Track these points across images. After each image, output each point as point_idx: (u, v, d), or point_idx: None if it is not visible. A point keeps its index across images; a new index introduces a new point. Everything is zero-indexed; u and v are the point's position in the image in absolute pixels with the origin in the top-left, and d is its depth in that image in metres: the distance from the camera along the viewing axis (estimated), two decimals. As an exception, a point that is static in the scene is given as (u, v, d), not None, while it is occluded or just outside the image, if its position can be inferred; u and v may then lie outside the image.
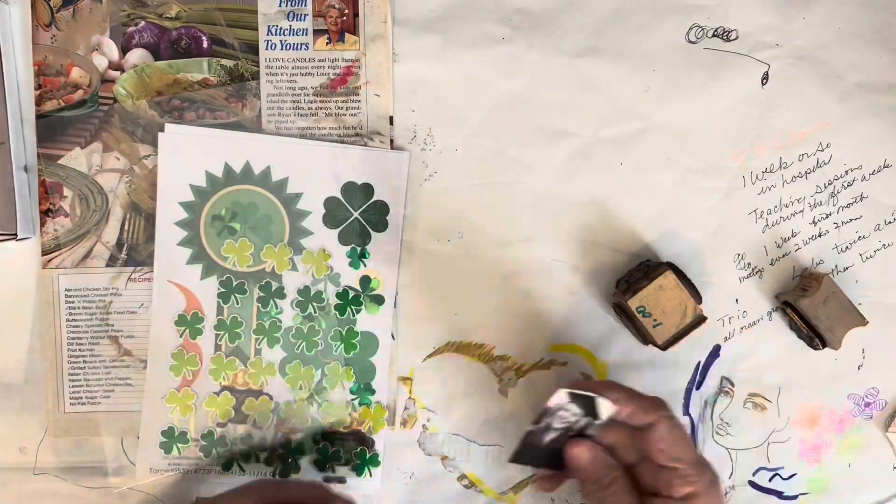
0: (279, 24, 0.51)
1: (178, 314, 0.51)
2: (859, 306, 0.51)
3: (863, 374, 0.54)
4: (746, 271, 0.54)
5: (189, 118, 0.51)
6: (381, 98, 0.51)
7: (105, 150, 0.51)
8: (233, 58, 0.51)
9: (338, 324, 0.52)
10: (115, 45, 0.50)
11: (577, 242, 0.53)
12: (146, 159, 0.51)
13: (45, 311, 0.51)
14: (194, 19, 0.51)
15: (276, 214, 0.51)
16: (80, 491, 0.52)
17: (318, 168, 0.51)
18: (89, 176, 0.51)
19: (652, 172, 0.53)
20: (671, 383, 0.54)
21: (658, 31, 0.52)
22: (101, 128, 0.51)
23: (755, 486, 0.54)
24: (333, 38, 0.51)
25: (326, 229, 0.51)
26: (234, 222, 0.51)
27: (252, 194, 0.51)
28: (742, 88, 0.53)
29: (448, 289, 0.53)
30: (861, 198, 0.54)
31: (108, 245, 0.51)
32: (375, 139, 0.51)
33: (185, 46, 0.51)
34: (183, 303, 0.51)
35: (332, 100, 0.51)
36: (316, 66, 0.51)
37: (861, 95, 0.53)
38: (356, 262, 0.52)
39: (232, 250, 0.51)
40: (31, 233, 0.51)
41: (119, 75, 0.51)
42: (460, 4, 0.52)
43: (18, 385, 0.52)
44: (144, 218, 0.51)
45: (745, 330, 0.54)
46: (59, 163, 0.51)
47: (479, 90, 0.52)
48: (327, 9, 0.50)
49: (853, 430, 0.55)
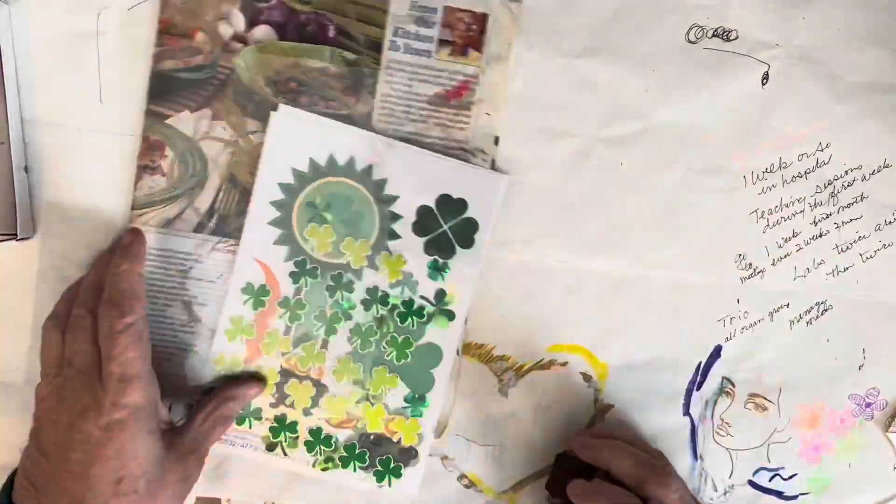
0: (406, 28, 0.51)
1: (246, 282, 0.51)
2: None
3: (863, 375, 0.54)
4: (748, 271, 0.54)
5: (302, 102, 0.51)
6: (491, 117, 0.51)
7: (214, 119, 0.51)
8: (355, 51, 0.51)
9: (396, 330, 0.52)
10: (244, 17, 0.50)
11: (577, 242, 0.53)
12: (252, 135, 0.51)
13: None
14: (326, 7, 0.50)
15: (368, 212, 0.51)
16: (80, 491, 0.52)
17: (418, 175, 0.51)
18: (194, 140, 0.51)
19: (652, 172, 0.53)
20: (671, 383, 0.54)
21: (658, 31, 0.52)
22: (213, 95, 0.51)
23: (755, 486, 0.54)
24: (457, 50, 0.51)
25: (414, 236, 0.51)
26: (326, 212, 0.51)
27: (349, 188, 0.51)
28: (742, 88, 0.53)
29: (448, 289, 0.53)
30: (861, 198, 0.54)
31: (198, 211, 0.51)
32: (478, 156, 0.52)
33: (310, 32, 0.50)
34: (262, 280, 0.51)
35: (444, 111, 0.51)
36: (434, 75, 0.51)
37: (861, 95, 0.53)
38: (435, 273, 0.52)
39: (314, 234, 0.51)
40: (30, 233, 0.51)
41: (241, 48, 0.51)
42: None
43: (18, 385, 0.52)
44: (240, 191, 0.51)
45: (745, 330, 0.54)
46: (166, 122, 0.50)
47: (480, 90, 0.52)
48: (457, 21, 0.51)
49: (854, 430, 0.55)
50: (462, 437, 0.53)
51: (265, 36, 0.51)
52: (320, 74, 0.51)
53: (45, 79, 0.51)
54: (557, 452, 0.52)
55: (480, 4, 0.51)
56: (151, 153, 0.51)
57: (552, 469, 0.51)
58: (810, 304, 0.54)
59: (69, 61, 0.51)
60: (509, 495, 0.54)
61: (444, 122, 0.51)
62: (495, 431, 0.53)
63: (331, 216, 0.51)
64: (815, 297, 0.54)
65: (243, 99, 0.51)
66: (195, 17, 0.50)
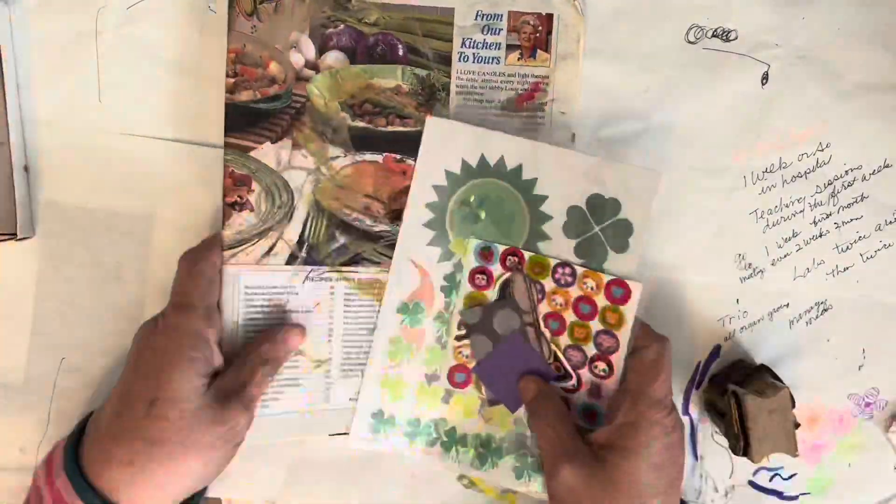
0: (473, 37, 0.51)
1: (401, 302, 0.51)
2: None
3: (863, 375, 0.54)
4: (747, 271, 0.54)
5: (379, 123, 0.51)
6: (566, 116, 0.52)
7: (294, 148, 0.51)
8: (425, 67, 0.51)
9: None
10: (313, 44, 0.51)
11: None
12: (334, 160, 0.51)
13: (225, 309, 0.50)
14: (392, 26, 0.51)
15: (519, 212, 0.50)
16: (79, 491, 0.52)
17: (567, 174, 0.50)
18: (277, 172, 0.51)
19: (652, 172, 0.53)
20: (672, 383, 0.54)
21: (658, 31, 0.52)
22: (291, 124, 0.51)
23: (755, 486, 0.54)
24: (525, 53, 0.51)
25: (565, 238, 0.50)
26: (480, 209, 0.50)
27: (500, 188, 0.50)
28: (742, 88, 0.53)
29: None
30: (861, 198, 0.54)
31: (289, 243, 0.51)
32: None
33: (380, 52, 0.51)
34: (417, 282, 0.51)
35: (518, 115, 0.52)
36: (505, 81, 0.52)
37: (861, 95, 0.53)
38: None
39: (459, 248, 0.51)
40: (30, 233, 0.51)
41: (314, 74, 0.51)
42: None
43: (18, 385, 0.52)
44: (327, 217, 0.51)
45: (745, 330, 0.54)
46: (250, 154, 0.50)
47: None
48: (522, 24, 0.51)
49: (853, 430, 0.55)
50: (462, 437, 0.53)
51: (336, 61, 0.51)
52: (394, 94, 0.51)
53: (45, 79, 0.51)
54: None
55: (544, 5, 0.51)
56: (238, 189, 0.50)
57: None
58: (810, 304, 0.54)
59: (69, 61, 0.51)
60: (509, 496, 0.54)
61: (519, 127, 0.52)
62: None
63: (484, 213, 0.50)
64: (815, 297, 0.54)
65: (321, 126, 0.51)
66: (265, 46, 0.50)
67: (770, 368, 0.52)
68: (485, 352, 0.51)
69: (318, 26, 0.51)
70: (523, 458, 0.51)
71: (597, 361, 0.50)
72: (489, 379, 0.51)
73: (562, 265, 0.50)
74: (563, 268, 0.50)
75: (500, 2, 0.51)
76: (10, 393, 0.52)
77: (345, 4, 0.51)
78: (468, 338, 0.51)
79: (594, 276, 0.50)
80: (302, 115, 0.51)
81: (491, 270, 0.51)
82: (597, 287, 0.50)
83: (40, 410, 0.52)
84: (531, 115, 0.52)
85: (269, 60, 0.50)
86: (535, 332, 0.50)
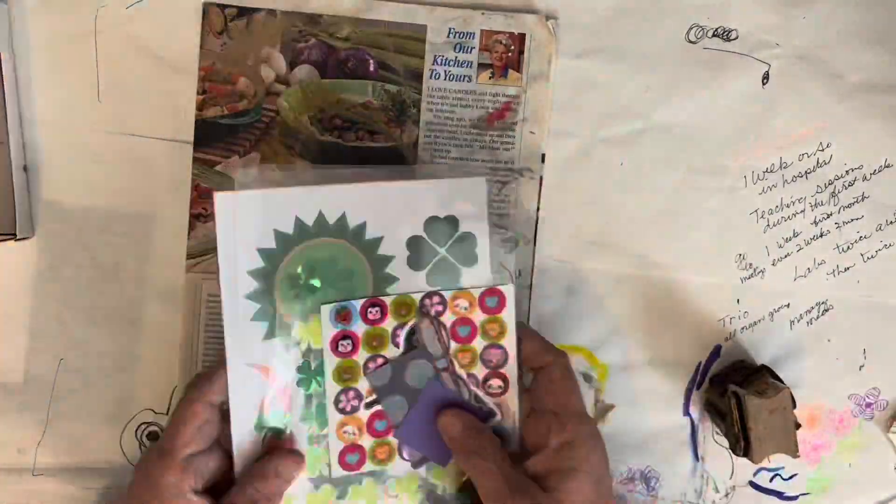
0: (445, 55, 0.51)
1: (256, 417, 0.45)
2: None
3: (864, 375, 0.54)
4: (748, 271, 0.53)
5: (348, 138, 0.51)
6: (535, 136, 0.52)
7: (262, 161, 0.51)
8: (396, 83, 0.51)
9: None
10: (284, 59, 0.51)
11: (577, 242, 0.53)
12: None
13: (186, 317, 0.51)
14: (364, 42, 0.51)
15: (357, 265, 0.46)
16: (79, 491, 0.52)
17: (395, 207, 0.46)
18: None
19: (652, 172, 0.53)
20: (671, 383, 0.54)
21: (658, 31, 0.52)
22: (260, 138, 0.51)
23: (756, 486, 0.54)
24: (497, 73, 0.51)
25: (413, 272, 0.47)
26: (313, 279, 0.46)
27: (329, 247, 0.46)
28: (742, 88, 0.53)
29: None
30: (862, 198, 0.53)
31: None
32: (526, 175, 0.52)
33: (351, 67, 0.51)
34: (265, 387, 0.45)
35: (488, 133, 0.52)
36: (476, 99, 0.51)
37: (861, 95, 0.53)
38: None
39: (304, 332, 0.46)
40: (30, 233, 0.51)
41: (284, 89, 0.51)
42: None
43: (17, 385, 0.51)
44: None
45: (745, 330, 0.54)
46: (215, 169, 0.51)
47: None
48: (494, 43, 0.51)
49: (854, 430, 0.55)
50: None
51: (307, 75, 0.51)
52: (364, 108, 0.51)
53: (44, 78, 0.51)
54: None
55: (517, 25, 0.51)
56: (203, 201, 0.51)
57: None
58: (811, 304, 0.54)
59: (69, 61, 0.51)
60: None
61: (488, 145, 0.51)
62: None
63: (318, 282, 0.46)
64: (816, 298, 0.54)
65: (290, 139, 0.51)
66: (236, 62, 0.51)
67: (770, 368, 0.52)
68: (402, 412, 0.47)
69: (290, 41, 0.51)
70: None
71: (490, 381, 0.47)
72: (412, 439, 0.47)
73: (428, 296, 0.47)
74: (429, 298, 0.47)
75: (473, 20, 0.51)
76: (8, 393, 0.51)
77: (317, 19, 0.51)
78: (380, 403, 0.47)
79: (464, 294, 0.47)
80: (272, 129, 0.51)
81: (354, 332, 0.46)
82: (470, 305, 0.47)
83: (39, 411, 0.52)
84: (501, 133, 0.52)
85: (237, 77, 0.51)
86: (451, 376, 0.47)
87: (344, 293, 0.46)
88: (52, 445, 0.52)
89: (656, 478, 0.54)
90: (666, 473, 0.54)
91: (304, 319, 0.46)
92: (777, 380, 0.51)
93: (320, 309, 0.46)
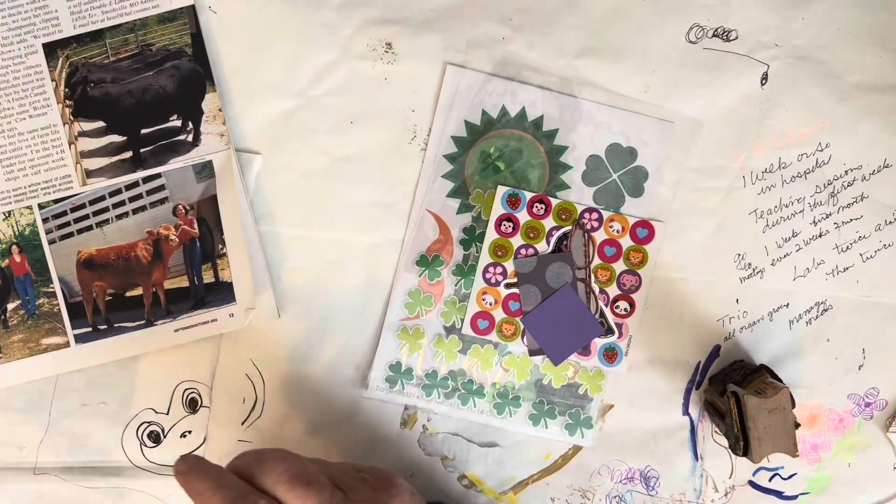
0: None
1: (419, 254, 0.52)
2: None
3: (863, 374, 0.54)
4: (747, 271, 0.54)
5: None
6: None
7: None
8: None
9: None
10: None
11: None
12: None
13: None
14: None
15: (538, 163, 0.52)
16: (79, 491, 0.52)
17: (587, 126, 0.52)
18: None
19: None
20: (671, 383, 0.54)
21: (658, 31, 0.52)
22: None
23: (755, 486, 0.54)
24: None
25: (584, 186, 0.52)
26: (500, 161, 0.52)
27: (519, 139, 0.52)
28: (742, 88, 0.53)
29: (448, 289, 0.53)
30: (861, 198, 0.53)
31: None
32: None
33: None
34: (435, 233, 0.52)
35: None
36: None
37: (861, 95, 0.53)
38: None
39: (479, 200, 0.52)
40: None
41: None
42: (460, 4, 0.52)
43: (19, 385, 0.52)
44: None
45: (745, 330, 0.54)
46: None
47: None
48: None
49: (853, 429, 0.55)
50: (462, 438, 0.53)
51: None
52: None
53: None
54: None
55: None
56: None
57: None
58: (810, 304, 0.54)
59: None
60: (509, 496, 0.54)
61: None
62: (495, 432, 0.53)
63: (503, 165, 0.52)
64: (815, 297, 0.54)
65: None
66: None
67: (770, 368, 0.52)
68: (534, 302, 0.52)
69: None
70: (539, 405, 0.53)
71: (619, 301, 0.52)
72: (535, 329, 0.52)
73: (588, 210, 0.52)
74: (589, 213, 0.52)
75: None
76: (11, 393, 0.52)
77: None
78: (518, 287, 0.52)
79: (620, 219, 0.52)
80: None
81: (517, 218, 0.52)
82: (622, 229, 0.52)
83: (40, 409, 0.52)
84: None
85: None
86: (585, 287, 0.52)
87: (520, 182, 0.52)
88: (53, 444, 0.52)
89: (656, 477, 0.54)
90: (665, 473, 0.54)
91: (482, 190, 0.52)
92: (776, 379, 0.51)
93: (497, 188, 0.52)
